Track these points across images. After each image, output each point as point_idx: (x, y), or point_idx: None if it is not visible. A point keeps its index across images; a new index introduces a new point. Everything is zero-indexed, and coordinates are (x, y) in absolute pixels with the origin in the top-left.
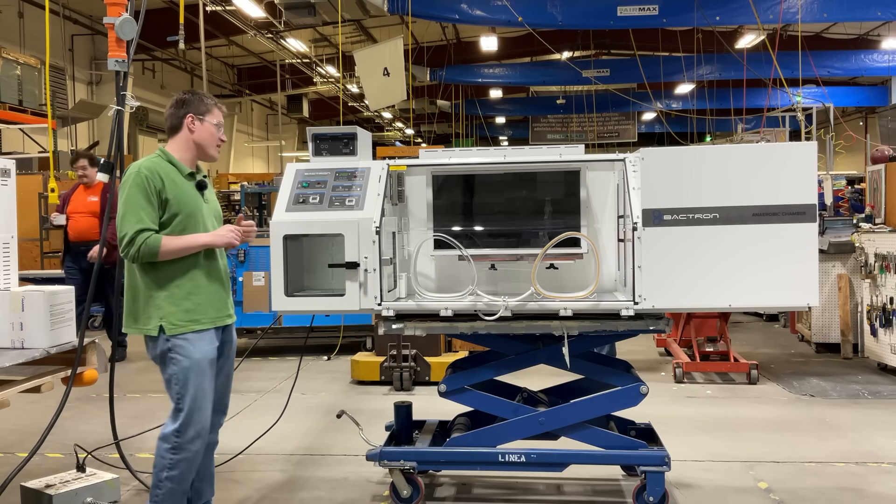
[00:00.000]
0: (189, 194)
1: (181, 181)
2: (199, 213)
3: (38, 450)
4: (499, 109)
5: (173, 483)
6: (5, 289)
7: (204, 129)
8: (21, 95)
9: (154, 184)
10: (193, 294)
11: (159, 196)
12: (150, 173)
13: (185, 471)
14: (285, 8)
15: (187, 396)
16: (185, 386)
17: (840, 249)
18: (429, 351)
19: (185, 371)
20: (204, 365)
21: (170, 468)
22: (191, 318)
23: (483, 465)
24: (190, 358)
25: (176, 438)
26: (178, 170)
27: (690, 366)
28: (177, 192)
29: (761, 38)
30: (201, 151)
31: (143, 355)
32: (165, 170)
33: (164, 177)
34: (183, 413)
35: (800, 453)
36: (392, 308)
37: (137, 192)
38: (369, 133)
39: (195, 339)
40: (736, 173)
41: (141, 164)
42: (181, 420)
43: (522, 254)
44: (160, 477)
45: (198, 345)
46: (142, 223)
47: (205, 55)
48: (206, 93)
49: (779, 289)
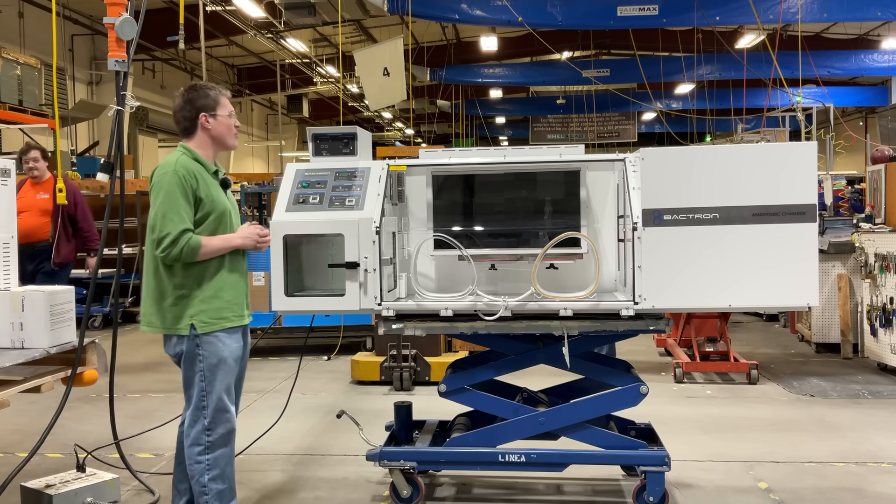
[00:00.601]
0: (218, 192)
1: (210, 179)
2: (227, 210)
3: (38, 450)
4: (499, 109)
5: (217, 483)
6: (5, 289)
7: (219, 124)
8: (21, 95)
9: (190, 183)
10: (223, 292)
11: (195, 195)
12: (185, 172)
13: (225, 467)
14: (285, 8)
15: (213, 394)
16: (211, 383)
17: (840, 249)
18: (429, 351)
19: (212, 369)
20: (231, 363)
21: (209, 469)
22: (220, 316)
23: (483, 465)
24: (218, 356)
25: (207, 438)
26: (206, 168)
27: (690, 366)
28: (208, 190)
29: (761, 38)
30: (221, 144)
31: (144, 355)
32: (196, 168)
33: (198, 175)
34: (207, 411)
35: (800, 453)
36: (392, 308)
37: (177, 192)
38: (369, 133)
39: (224, 336)
40: (736, 173)
41: (175, 162)
42: (208, 419)
43: (522, 254)
44: (203, 483)
45: (227, 342)
46: (184, 223)
47: (205, 55)
48: (208, 83)
49: (779, 289)
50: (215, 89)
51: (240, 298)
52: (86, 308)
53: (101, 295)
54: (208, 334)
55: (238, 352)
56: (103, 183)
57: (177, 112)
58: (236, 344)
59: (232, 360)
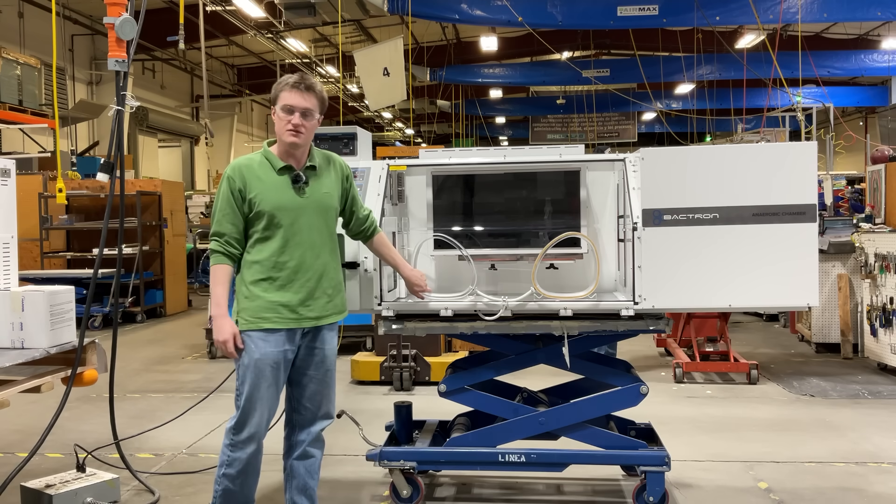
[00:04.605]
0: (277, 190)
1: (270, 177)
2: (289, 208)
3: (38, 450)
4: (499, 109)
5: (228, 482)
6: (5, 289)
7: (278, 120)
8: (21, 95)
9: (235, 184)
10: (267, 293)
11: (241, 195)
12: (233, 172)
13: (240, 472)
14: (285, 8)
15: (243, 395)
16: (243, 383)
17: (840, 249)
18: (429, 351)
19: (245, 368)
20: (263, 367)
21: (227, 465)
22: (259, 316)
23: (483, 465)
24: (250, 356)
25: (232, 435)
26: (272, 164)
27: (690, 366)
28: (262, 188)
29: (761, 38)
30: (281, 140)
31: (144, 355)
32: (254, 166)
33: (249, 173)
34: (239, 410)
35: (800, 453)
36: (392, 308)
37: (221, 195)
38: (369, 133)
39: (259, 338)
40: (736, 173)
41: (234, 162)
42: (237, 417)
43: (522, 254)
44: (219, 473)
45: (260, 345)
46: (218, 225)
47: (205, 55)
48: (291, 75)
49: (779, 289)
50: (281, 83)
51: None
52: (86, 308)
53: (101, 295)
54: (245, 332)
55: (276, 356)
56: (103, 183)
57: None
58: (274, 349)
59: (265, 365)
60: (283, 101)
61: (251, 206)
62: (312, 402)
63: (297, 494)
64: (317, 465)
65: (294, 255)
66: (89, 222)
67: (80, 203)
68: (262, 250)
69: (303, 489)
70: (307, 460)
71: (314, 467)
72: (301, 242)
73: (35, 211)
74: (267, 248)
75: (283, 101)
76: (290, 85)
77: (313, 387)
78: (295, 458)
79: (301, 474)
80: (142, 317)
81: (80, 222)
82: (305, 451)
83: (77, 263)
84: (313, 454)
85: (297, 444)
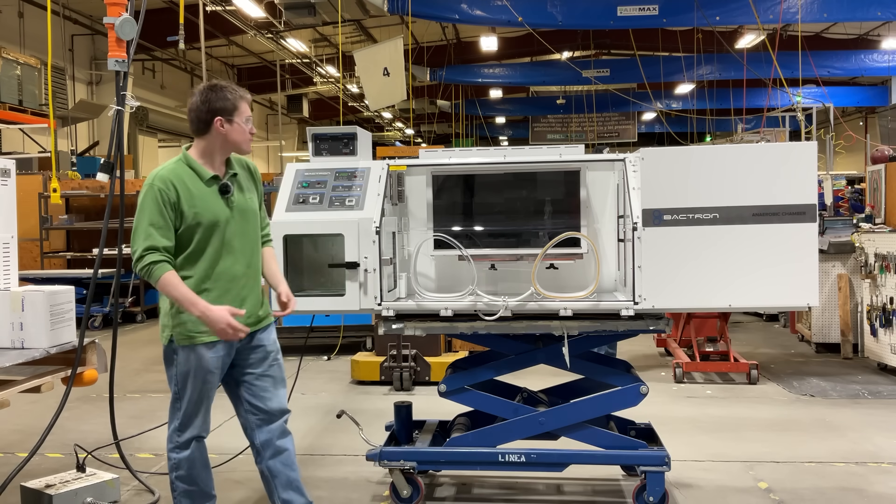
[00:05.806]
0: (209, 202)
1: (200, 188)
2: (220, 221)
3: (38, 450)
4: (499, 109)
5: (184, 483)
6: (5, 289)
7: (234, 130)
8: (21, 95)
9: (168, 196)
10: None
11: (175, 208)
12: (163, 185)
13: (190, 469)
14: (285, 8)
15: (185, 400)
16: (183, 389)
17: (840, 249)
18: (429, 351)
19: (183, 375)
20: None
21: (176, 468)
22: (199, 331)
23: (483, 465)
24: (190, 365)
25: (177, 438)
26: (199, 175)
27: (690, 366)
28: (193, 201)
29: (761, 38)
30: (235, 149)
31: (143, 355)
32: (183, 177)
33: (180, 186)
34: (181, 413)
35: (800, 453)
36: (392, 308)
37: (147, 207)
38: (369, 133)
39: (200, 349)
40: (736, 173)
41: (157, 173)
42: (180, 420)
43: (522, 254)
44: (171, 478)
45: (201, 354)
46: (150, 240)
47: (205, 55)
48: (229, 84)
49: (779, 289)
50: (235, 93)
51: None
52: (86, 308)
53: (101, 295)
54: (182, 347)
55: (216, 363)
56: (103, 183)
57: (192, 111)
58: (214, 355)
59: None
60: (245, 113)
61: (183, 219)
62: (263, 400)
63: (284, 492)
64: (292, 456)
65: (226, 264)
66: (89, 222)
67: (80, 203)
68: (195, 263)
69: (288, 484)
70: (281, 455)
71: (290, 459)
72: (232, 251)
73: (35, 211)
74: (203, 261)
75: (245, 113)
76: (242, 97)
77: (261, 383)
78: (268, 458)
79: (280, 470)
80: (142, 317)
81: (80, 222)
82: (276, 447)
83: (77, 263)
84: (285, 447)
85: (265, 445)
